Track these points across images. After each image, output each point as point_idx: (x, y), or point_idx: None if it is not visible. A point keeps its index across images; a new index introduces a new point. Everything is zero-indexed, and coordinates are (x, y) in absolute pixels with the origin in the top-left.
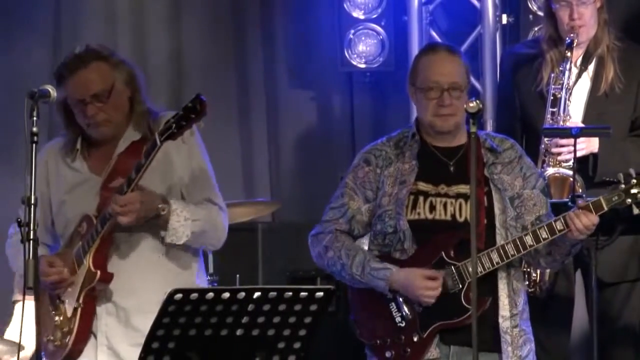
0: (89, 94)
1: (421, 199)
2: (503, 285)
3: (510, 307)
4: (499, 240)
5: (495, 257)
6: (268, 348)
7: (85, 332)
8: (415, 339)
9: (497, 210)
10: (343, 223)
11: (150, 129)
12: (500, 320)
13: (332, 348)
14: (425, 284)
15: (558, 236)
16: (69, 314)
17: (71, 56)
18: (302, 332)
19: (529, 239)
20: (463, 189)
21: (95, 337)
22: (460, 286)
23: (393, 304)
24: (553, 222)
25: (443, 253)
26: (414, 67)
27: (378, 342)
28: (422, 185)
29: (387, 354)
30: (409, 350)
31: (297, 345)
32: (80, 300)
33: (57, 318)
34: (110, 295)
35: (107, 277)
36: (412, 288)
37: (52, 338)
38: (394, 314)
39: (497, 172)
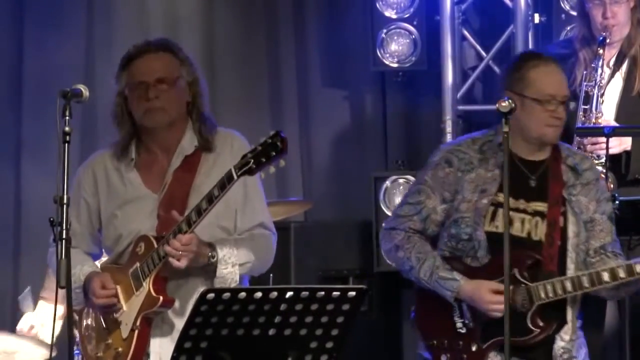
0: (154, 77)
1: (500, 211)
2: (570, 312)
3: (571, 332)
4: (569, 263)
5: (568, 286)
6: (300, 348)
7: (141, 355)
8: (473, 349)
9: (571, 233)
10: (417, 221)
11: (207, 140)
12: (561, 343)
13: (364, 347)
14: (492, 298)
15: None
16: (124, 335)
17: (142, 41)
18: (335, 332)
19: (605, 276)
20: (540, 206)
21: (148, 355)
22: (528, 307)
23: (456, 308)
24: (633, 265)
25: (516, 270)
26: (521, 76)
27: (435, 342)
28: (503, 198)
29: (443, 358)
30: (465, 356)
31: (329, 344)
32: (138, 323)
33: (109, 337)
34: (165, 316)
35: (169, 303)
36: (480, 302)
37: (101, 355)
38: (456, 318)
39: (575, 193)
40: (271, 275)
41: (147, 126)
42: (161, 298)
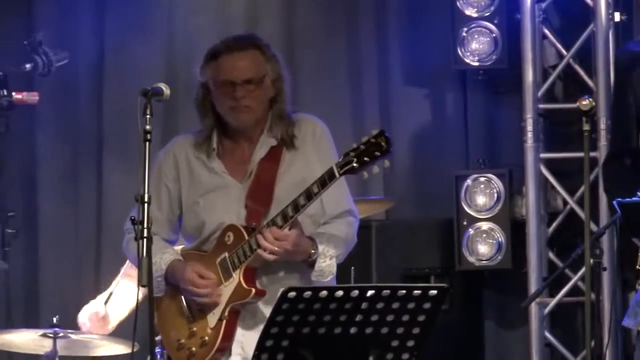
0: (243, 77)
1: None
2: None
3: None
4: None
5: None
6: (381, 346)
7: (227, 344)
8: None
9: None
10: None
11: (288, 133)
12: None
13: (445, 346)
14: None
15: None
16: (211, 324)
17: (230, 37)
18: (416, 331)
19: None
20: None
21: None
22: None
23: None
24: None
25: None
26: None
27: None
28: None
29: None
30: None
31: (410, 343)
32: (226, 313)
33: (193, 325)
34: (250, 306)
35: (261, 294)
36: None
37: (183, 342)
38: None
39: None
40: (352, 268)
41: (232, 124)
42: (253, 290)
